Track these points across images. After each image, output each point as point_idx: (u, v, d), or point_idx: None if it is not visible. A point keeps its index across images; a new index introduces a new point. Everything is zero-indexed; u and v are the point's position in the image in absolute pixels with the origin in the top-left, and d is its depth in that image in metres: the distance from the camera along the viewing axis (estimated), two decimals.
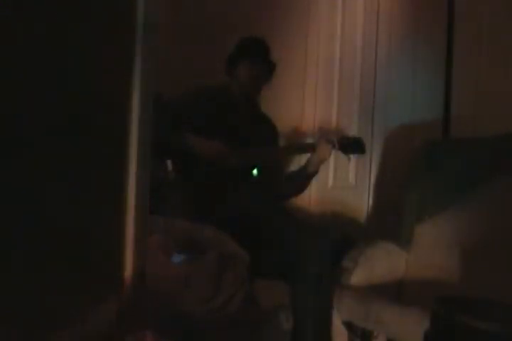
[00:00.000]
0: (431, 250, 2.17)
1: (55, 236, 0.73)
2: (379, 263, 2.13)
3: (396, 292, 2.15)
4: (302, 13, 2.97)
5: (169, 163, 2.42)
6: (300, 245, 2.05)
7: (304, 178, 2.41)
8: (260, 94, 2.43)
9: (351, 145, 2.39)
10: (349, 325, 1.98)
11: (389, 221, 2.46)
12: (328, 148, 2.33)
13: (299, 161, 2.66)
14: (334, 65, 2.92)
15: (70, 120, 0.74)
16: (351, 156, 2.45)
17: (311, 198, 2.91)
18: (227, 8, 3.17)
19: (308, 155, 2.38)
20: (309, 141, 2.78)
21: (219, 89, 2.42)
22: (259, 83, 2.36)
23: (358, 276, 2.05)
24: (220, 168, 2.27)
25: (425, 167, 2.33)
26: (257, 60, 2.33)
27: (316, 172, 2.40)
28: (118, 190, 0.78)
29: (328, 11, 2.93)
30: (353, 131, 2.76)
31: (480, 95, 2.45)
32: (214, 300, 1.79)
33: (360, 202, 2.78)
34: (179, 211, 2.31)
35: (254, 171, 2.38)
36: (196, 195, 2.30)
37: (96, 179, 0.76)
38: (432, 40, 2.62)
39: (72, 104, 0.74)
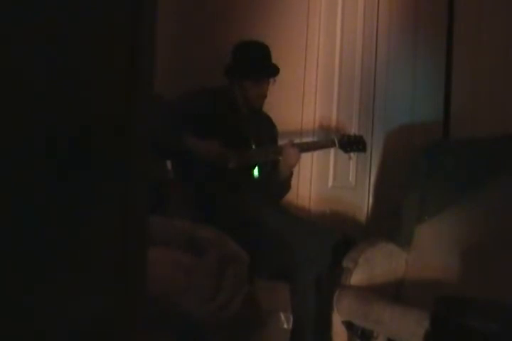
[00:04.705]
0: (431, 250, 2.17)
1: (53, 236, 0.73)
2: (379, 264, 2.13)
3: (396, 292, 2.15)
4: (302, 12, 2.97)
5: (169, 163, 2.42)
6: (300, 245, 2.05)
7: (277, 183, 2.40)
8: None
9: (352, 144, 2.38)
10: (349, 325, 1.98)
11: (389, 221, 2.45)
12: (295, 152, 2.29)
13: None
14: (334, 65, 2.91)
15: (70, 120, 0.74)
16: (352, 155, 2.45)
17: (311, 198, 2.91)
18: (227, 8, 3.17)
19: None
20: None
21: (219, 89, 2.42)
22: (265, 97, 2.37)
23: (358, 276, 2.05)
24: (220, 168, 2.27)
25: (425, 167, 2.33)
26: (265, 80, 2.33)
27: (290, 175, 2.40)
28: (118, 190, 0.78)
29: (328, 11, 2.93)
30: (352, 131, 2.75)
31: (480, 95, 2.44)
32: (214, 300, 1.79)
33: (360, 202, 2.78)
34: (179, 211, 2.31)
35: (255, 171, 2.38)
36: (196, 195, 2.30)
37: (95, 179, 0.76)
38: (431, 40, 2.62)
39: (71, 103, 0.74)
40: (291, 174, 2.41)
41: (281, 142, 2.61)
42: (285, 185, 2.45)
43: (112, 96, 0.78)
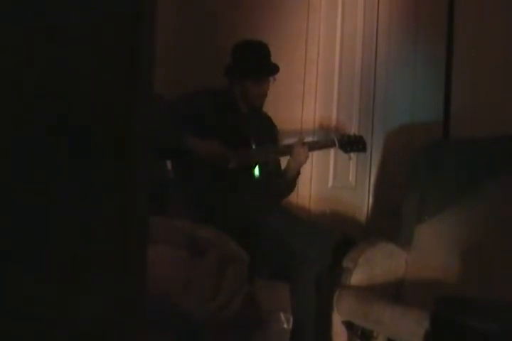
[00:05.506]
0: (431, 250, 2.17)
1: (54, 236, 0.73)
2: (379, 263, 2.13)
3: (396, 292, 2.15)
4: (302, 13, 2.97)
5: (169, 163, 2.42)
6: (300, 245, 2.05)
7: (283, 182, 2.40)
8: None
9: (352, 144, 2.38)
10: (349, 325, 1.98)
11: (389, 221, 2.45)
12: (304, 151, 2.31)
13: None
14: (334, 65, 2.91)
15: (70, 120, 0.74)
16: (352, 155, 2.45)
17: (311, 198, 2.91)
18: (228, 8, 3.17)
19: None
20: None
21: (219, 89, 2.42)
22: (265, 96, 2.36)
23: (358, 276, 2.05)
24: (220, 168, 2.27)
25: (425, 167, 2.33)
26: (265, 79, 2.32)
27: (297, 174, 2.40)
28: (118, 190, 0.77)
29: (328, 11, 2.93)
30: (352, 131, 2.75)
31: (480, 95, 2.44)
32: (214, 300, 1.79)
33: (360, 202, 2.78)
34: (179, 211, 2.31)
35: (256, 171, 2.38)
36: (196, 195, 2.30)
37: (95, 179, 0.76)
38: (431, 40, 2.62)
39: (71, 103, 0.74)
40: (299, 173, 2.41)
41: (285, 141, 2.61)
42: (291, 185, 2.45)
43: (111, 96, 0.78)
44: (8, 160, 0.68)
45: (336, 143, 2.38)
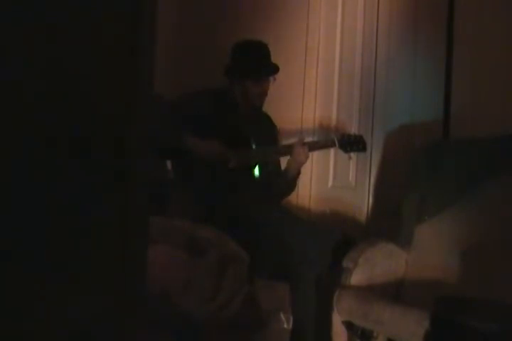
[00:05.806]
0: (431, 250, 2.17)
1: (54, 236, 0.73)
2: (379, 264, 2.13)
3: (396, 292, 2.15)
4: (302, 13, 2.97)
5: (169, 163, 2.42)
6: (300, 245, 2.05)
7: (283, 182, 2.40)
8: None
9: (352, 144, 2.38)
10: (349, 325, 1.98)
11: (389, 221, 2.45)
12: (304, 151, 2.31)
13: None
14: (334, 65, 2.91)
15: (70, 120, 0.74)
16: (352, 155, 2.45)
17: (311, 198, 2.91)
18: (228, 8, 3.17)
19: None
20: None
21: (219, 89, 2.42)
22: (265, 95, 2.36)
23: (358, 276, 2.05)
24: (220, 168, 2.27)
25: (425, 167, 2.33)
26: (265, 78, 2.32)
27: (297, 174, 2.40)
28: (118, 190, 0.78)
29: (328, 11, 2.93)
30: (352, 131, 2.75)
31: (480, 95, 2.44)
32: (214, 300, 1.79)
33: (360, 202, 2.78)
34: (179, 211, 2.31)
35: (256, 171, 2.38)
36: (196, 195, 2.30)
37: (95, 179, 0.76)
38: (431, 40, 2.62)
39: (71, 103, 0.74)
40: (299, 173, 2.41)
41: (285, 141, 2.61)
42: (291, 185, 2.45)
43: (111, 96, 0.78)
44: (8, 160, 0.68)
45: (336, 143, 2.38)
